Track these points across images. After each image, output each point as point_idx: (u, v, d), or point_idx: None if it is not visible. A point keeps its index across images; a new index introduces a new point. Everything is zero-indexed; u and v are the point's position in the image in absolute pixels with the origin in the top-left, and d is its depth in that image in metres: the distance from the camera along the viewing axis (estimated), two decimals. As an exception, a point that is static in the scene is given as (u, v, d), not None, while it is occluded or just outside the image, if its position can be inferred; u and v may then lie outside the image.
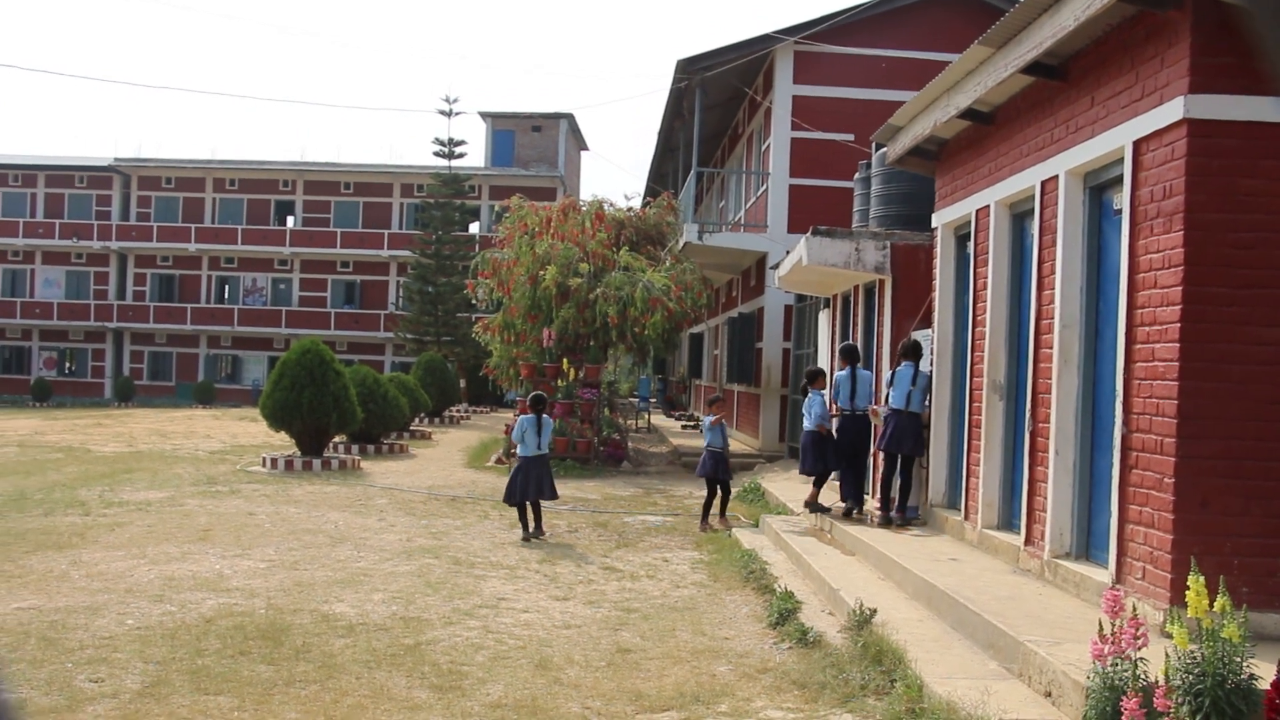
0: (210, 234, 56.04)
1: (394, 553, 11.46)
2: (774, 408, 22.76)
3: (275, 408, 19.87)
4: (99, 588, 9.36)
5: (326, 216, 56.30)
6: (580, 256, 22.35)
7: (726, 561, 11.36)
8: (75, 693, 6.50)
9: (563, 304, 21.78)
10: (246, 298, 56.73)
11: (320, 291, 56.13)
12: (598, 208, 24.68)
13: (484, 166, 55.18)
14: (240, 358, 56.46)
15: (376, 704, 6.45)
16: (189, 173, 56.90)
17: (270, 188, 56.84)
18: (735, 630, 8.51)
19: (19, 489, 16.10)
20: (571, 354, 21.96)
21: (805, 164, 22.50)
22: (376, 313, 54.63)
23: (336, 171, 56.06)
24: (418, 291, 46.44)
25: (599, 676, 7.15)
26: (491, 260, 24.10)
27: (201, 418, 37.55)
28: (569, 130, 56.90)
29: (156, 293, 57.02)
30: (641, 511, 15.53)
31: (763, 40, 22.51)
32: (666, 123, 29.21)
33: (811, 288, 17.62)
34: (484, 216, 54.02)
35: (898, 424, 11.63)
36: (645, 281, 21.47)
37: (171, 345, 56.78)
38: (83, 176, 57.37)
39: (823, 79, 22.66)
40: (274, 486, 16.99)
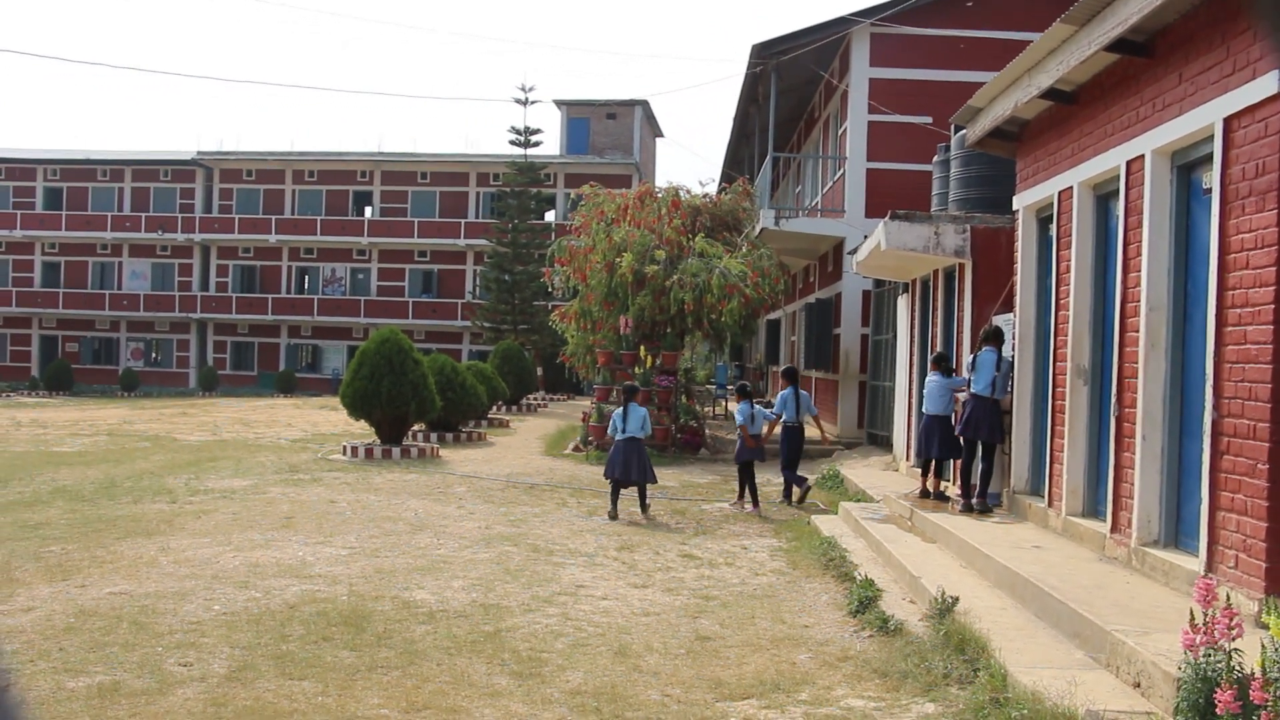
0: (290, 225, 56.82)
1: (473, 540, 11.54)
2: (852, 394, 22.58)
3: (355, 397, 20.11)
4: (186, 574, 9.54)
5: (404, 206, 56.81)
6: (656, 243, 22.33)
7: (805, 549, 11.30)
8: (165, 676, 6.63)
9: (639, 291, 21.78)
10: (326, 288, 57.44)
11: (398, 281, 56.68)
12: (674, 194, 24.63)
13: (559, 154, 55.30)
14: (320, 347, 57.21)
15: (457, 690, 6.50)
16: (269, 165, 57.74)
17: (348, 178, 57.47)
18: (815, 618, 8.46)
19: (109, 477, 16.46)
20: (648, 341, 21.96)
21: (882, 147, 22.26)
22: (453, 301, 55.04)
23: (413, 161, 56.53)
24: (494, 280, 46.71)
25: (678, 664, 7.13)
26: (568, 248, 24.16)
27: (283, 407, 38.14)
28: (644, 117, 56.82)
29: (238, 284, 57.97)
30: (719, 499, 15.49)
31: (839, 23, 22.29)
32: (742, 108, 29.06)
33: (890, 273, 17.43)
34: (559, 204, 54.17)
35: (975, 409, 11.52)
36: (721, 268, 21.39)
37: (253, 335, 57.71)
38: (167, 170, 58.47)
39: (900, 61, 22.38)
40: (354, 474, 17.20)
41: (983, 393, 11.50)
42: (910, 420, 16.01)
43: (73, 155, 59.81)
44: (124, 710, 6.02)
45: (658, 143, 63.32)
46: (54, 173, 59.07)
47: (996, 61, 12.26)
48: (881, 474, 16.65)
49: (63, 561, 10.01)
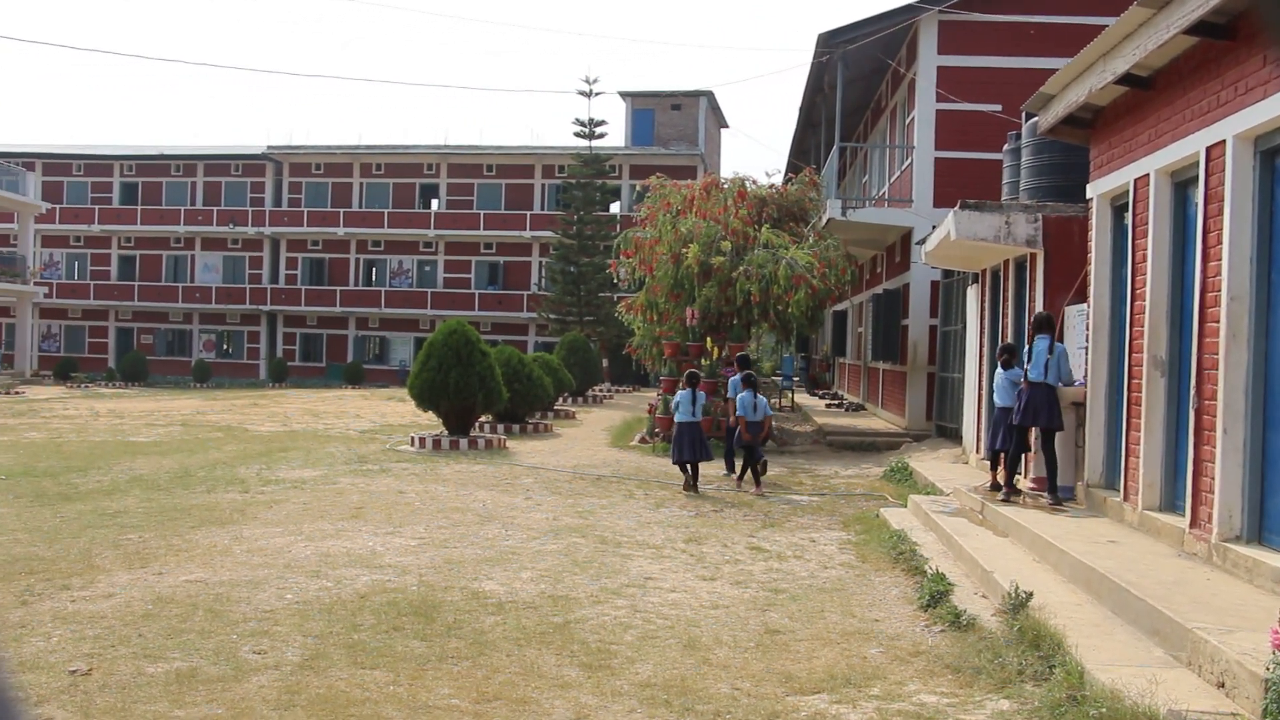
0: (358, 218, 57.35)
1: (541, 531, 11.58)
2: (920, 386, 22.36)
3: (423, 388, 20.25)
4: (259, 563, 9.66)
5: (470, 199, 57.14)
6: (722, 234, 22.26)
7: (875, 542, 11.20)
8: (240, 663, 6.71)
9: (705, 282, 21.73)
10: (393, 280, 57.93)
11: (464, 273, 57.03)
12: (739, 185, 24.55)
13: (624, 146, 55.29)
14: (387, 339, 57.74)
15: (527, 681, 6.51)
16: (337, 158, 58.32)
17: (415, 171, 57.90)
18: (885, 612, 8.37)
19: (183, 466, 16.74)
20: (714, 333, 21.91)
21: (951, 136, 21.98)
22: (519, 293, 55.29)
23: (479, 154, 56.82)
24: (560, 272, 46.84)
25: (748, 657, 7.10)
26: (634, 239, 24.17)
27: (351, 398, 38.55)
28: (708, 108, 56.63)
29: (307, 276, 58.64)
30: (786, 491, 15.41)
31: (906, 10, 22.04)
32: (808, 98, 28.86)
33: (959, 263, 17.23)
34: (625, 196, 54.18)
35: (1032, 397, 11.44)
36: (788, 259, 21.28)
37: (322, 327, 58.37)
38: (238, 165, 59.28)
39: (969, 48, 22.09)
40: (422, 465, 17.34)
41: (1039, 379, 11.41)
42: (980, 412, 15.82)
43: (148, 151, 60.87)
44: (201, 696, 6.10)
45: (723, 133, 63.11)
46: (130, 168, 60.14)
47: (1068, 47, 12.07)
48: (951, 466, 16.47)
49: (140, 549, 10.19)
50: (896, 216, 23.22)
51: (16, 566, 9.38)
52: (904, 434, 21.90)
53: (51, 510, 12.49)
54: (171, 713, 5.85)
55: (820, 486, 15.99)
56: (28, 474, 15.73)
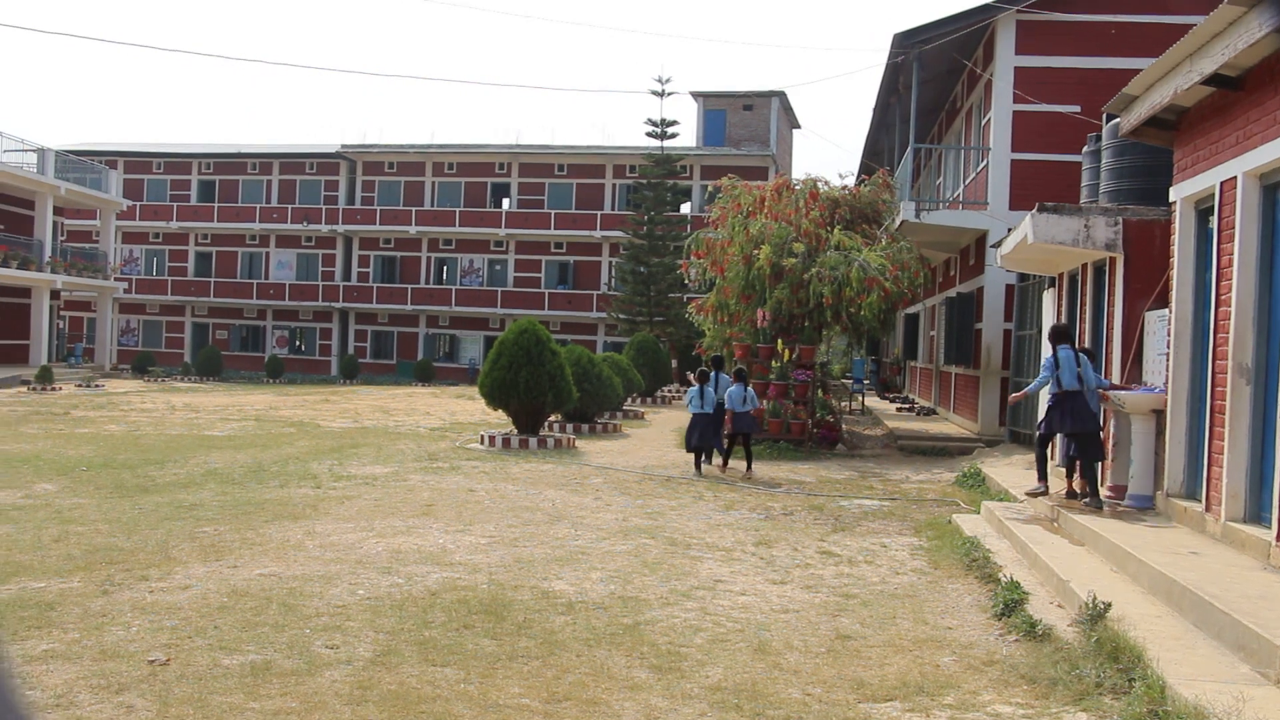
0: (429, 216, 57.80)
1: (610, 532, 11.57)
2: (994, 390, 22.06)
3: (493, 386, 20.35)
4: (332, 558, 9.76)
5: (540, 198, 57.37)
6: (794, 236, 22.13)
7: (947, 548, 11.06)
8: (314, 658, 6.78)
9: (777, 284, 21.62)
10: (464, 278, 58.32)
11: (534, 272, 57.28)
12: (812, 186, 24.38)
13: (695, 146, 55.23)
14: (457, 337, 58.13)
15: (597, 682, 6.50)
16: (410, 157, 58.83)
17: (486, 170, 58.25)
18: (958, 620, 8.26)
19: (257, 461, 16.97)
20: (786, 334, 21.79)
21: (1028, 138, 21.67)
22: (589, 293, 55.41)
23: (550, 154, 57.04)
24: (630, 272, 46.86)
25: (819, 663, 7.03)
26: (705, 240, 24.11)
27: (421, 395, 38.86)
28: (780, 108, 56.38)
29: (379, 274, 59.21)
30: (857, 495, 15.28)
31: (984, 10, 21.75)
32: (881, 98, 28.61)
33: (1035, 266, 16.96)
34: (695, 196, 54.10)
35: (1072, 405, 11.63)
36: (861, 261, 21.11)
37: (393, 325, 58.90)
38: (312, 163, 60.03)
39: (1047, 48, 21.75)
40: (492, 464, 17.42)
41: (1071, 386, 11.61)
42: (1055, 418, 15.54)
43: (225, 149, 61.87)
44: (275, 689, 6.16)
45: (794, 134, 62.79)
46: (207, 166, 61.15)
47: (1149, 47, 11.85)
48: (1025, 473, 16.20)
49: (215, 542, 10.34)
50: (971, 219, 22.94)
51: (98, 556, 9.57)
52: (976, 439, 21.63)
53: (130, 502, 12.72)
54: (247, 705, 5.91)
55: (891, 491, 15.84)
56: (108, 466, 16.04)
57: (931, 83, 26.20)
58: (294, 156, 60.42)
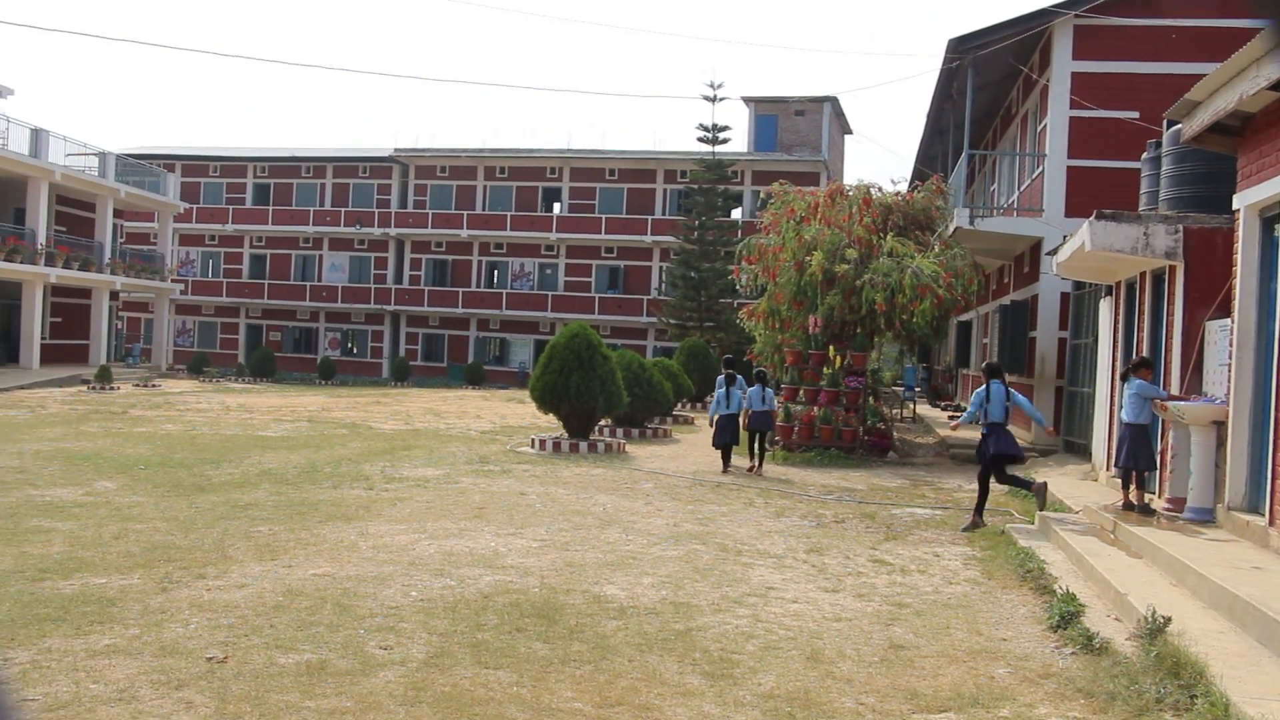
0: (481, 220, 58.09)
1: (661, 537, 11.57)
2: (1047, 399, 21.81)
3: (544, 390, 20.41)
4: (385, 559, 9.82)
5: (591, 203, 57.48)
6: (846, 242, 22.03)
7: (1001, 559, 10.96)
8: (368, 658, 6.82)
9: (829, 290, 21.54)
10: (514, 282, 58.54)
11: (585, 277, 57.39)
12: (865, 192, 24.25)
13: (746, 151, 55.13)
14: (507, 340, 58.35)
15: (649, 687, 6.49)
16: (462, 161, 59.16)
17: (538, 175, 58.46)
18: (1013, 631, 8.17)
19: (311, 462, 17.12)
20: (837, 341, 21.70)
21: (1085, 144, 21.43)
22: (639, 298, 55.44)
23: (601, 158, 57.14)
24: (681, 277, 46.82)
25: (872, 672, 6.98)
26: (756, 246, 24.05)
27: (471, 398, 39.03)
28: (832, 113, 56.16)
29: (430, 277, 59.56)
30: (909, 504, 15.17)
31: (1040, 15, 21.55)
32: (935, 104, 28.41)
33: (1092, 274, 16.78)
34: (746, 202, 54.01)
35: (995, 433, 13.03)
36: (914, 267, 20.97)
37: (443, 328, 59.22)
38: (366, 167, 60.52)
39: (1105, 53, 21.50)
40: (543, 467, 17.47)
41: (998, 419, 13.02)
42: (1110, 428, 15.38)
43: (280, 153, 62.53)
44: (330, 689, 6.21)
45: (846, 139, 62.54)
46: (262, 170, 61.83)
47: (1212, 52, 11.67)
48: (1079, 483, 16.05)
49: (270, 542, 10.44)
50: (1026, 226, 22.71)
51: (156, 554, 9.69)
52: (1029, 448, 21.38)
53: (187, 501, 12.88)
54: (303, 704, 5.96)
55: (943, 500, 15.72)
56: (165, 465, 16.25)
57: (986, 88, 26.00)
58: (348, 160, 60.94)
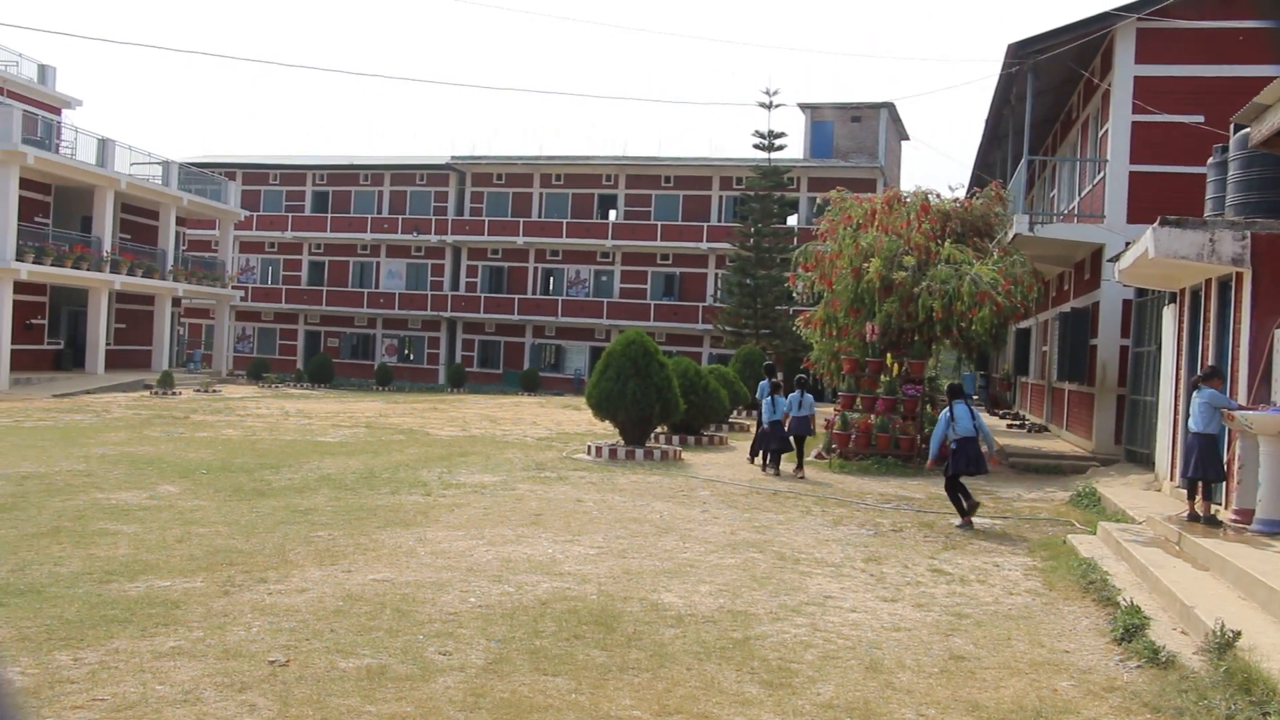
0: (537, 227, 58.29)
1: (718, 545, 11.54)
2: (1109, 408, 21.53)
3: (600, 397, 20.43)
4: (443, 565, 9.88)
5: (647, 209, 57.50)
6: (904, 249, 21.87)
7: (1063, 569, 10.82)
8: (427, 664, 6.86)
9: (886, 297, 21.39)
10: (570, 289, 58.67)
11: (640, 283, 57.39)
12: (923, 199, 24.07)
13: (802, 158, 54.90)
14: (563, 347, 58.48)
15: (708, 696, 6.48)
16: (518, 169, 59.43)
17: (594, 182, 58.57)
18: (1075, 643, 8.07)
19: (368, 468, 17.26)
20: (894, 349, 21.55)
21: (1148, 149, 21.12)
22: (695, 305, 55.34)
23: (657, 165, 57.16)
24: (736, 284, 46.72)
25: (932, 683, 6.92)
26: (814, 253, 23.94)
27: (527, 405, 39.18)
28: (889, 119, 55.80)
29: (486, 284, 59.84)
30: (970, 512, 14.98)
31: (1102, 18, 21.28)
32: (994, 109, 28.16)
33: (1156, 281, 16.54)
34: (802, 208, 53.80)
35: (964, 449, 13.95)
36: (972, 275, 20.78)
37: (499, 334, 59.46)
38: (423, 174, 60.96)
39: (1168, 57, 21.19)
40: (599, 474, 17.49)
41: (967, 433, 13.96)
42: (1175, 438, 15.15)
43: (338, 161, 63.17)
44: (391, 694, 6.25)
45: (903, 146, 62.13)
46: (321, 177, 62.47)
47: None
48: (1142, 493, 15.81)
49: (330, 547, 10.54)
50: (1087, 232, 22.43)
51: (218, 558, 9.82)
52: (1090, 458, 21.14)
53: (248, 505, 13.03)
54: (364, 708, 6.01)
55: (1003, 509, 15.54)
56: (226, 469, 16.45)
57: (1046, 93, 25.73)
58: (405, 168, 61.41)
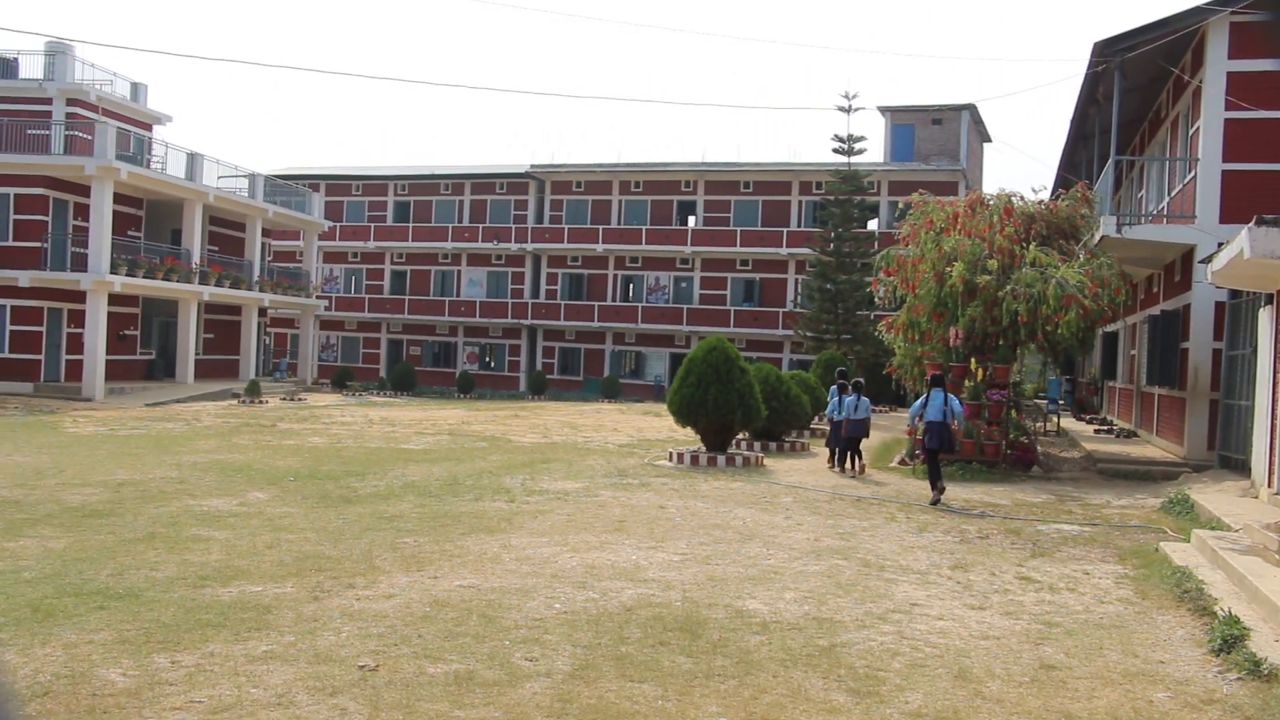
0: (616, 235, 58.50)
1: (802, 552, 11.47)
2: (1201, 413, 21.03)
3: (682, 404, 20.42)
4: (527, 571, 9.94)
5: (726, 215, 57.43)
6: (987, 253, 21.60)
7: (1155, 578, 10.59)
8: (514, 669, 6.90)
9: (969, 302, 21.13)
10: (649, 296, 58.77)
11: (720, 289, 57.32)
12: (1006, 201, 23.76)
13: (883, 162, 54.49)
14: (643, 354, 58.59)
15: (794, 704, 6.44)
16: (597, 176, 59.70)
17: (672, 188, 58.64)
18: (1170, 654, 7.89)
19: (452, 474, 17.42)
20: (978, 353, 21.27)
21: (1241, 147, 20.62)
22: (775, 310, 55.15)
23: (736, 171, 57.07)
24: (816, 289, 46.47)
25: (1023, 693, 6.81)
26: (895, 257, 23.74)
27: (608, 411, 39.26)
28: (970, 121, 55.17)
29: (566, 291, 60.18)
30: (1055, 520, 14.76)
31: (1193, 14, 20.80)
32: (1080, 109, 27.69)
33: (1250, 282, 16.13)
34: (883, 212, 53.35)
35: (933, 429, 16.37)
36: (1058, 278, 20.45)
37: (579, 341, 59.74)
38: (502, 183, 61.50)
39: (1264, 51, 20.64)
40: (681, 481, 17.48)
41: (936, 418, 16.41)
42: (1272, 443, 14.77)
43: (419, 171, 63.93)
44: (479, 699, 6.30)
45: (985, 148, 61.40)
46: (403, 188, 63.28)
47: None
48: (1238, 500, 15.42)
49: (416, 553, 10.65)
50: (1177, 233, 21.96)
51: (307, 564, 9.97)
52: (1182, 464, 20.67)
53: (335, 512, 13.22)
54: (452, 713, 6.06)
55: (1091, 516, 15.26)
56: (313, 477, 16.70)
57: (1134, 92, 25.26)
58: (485, 177, 61.98)
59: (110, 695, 6.22)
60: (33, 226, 35.87)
